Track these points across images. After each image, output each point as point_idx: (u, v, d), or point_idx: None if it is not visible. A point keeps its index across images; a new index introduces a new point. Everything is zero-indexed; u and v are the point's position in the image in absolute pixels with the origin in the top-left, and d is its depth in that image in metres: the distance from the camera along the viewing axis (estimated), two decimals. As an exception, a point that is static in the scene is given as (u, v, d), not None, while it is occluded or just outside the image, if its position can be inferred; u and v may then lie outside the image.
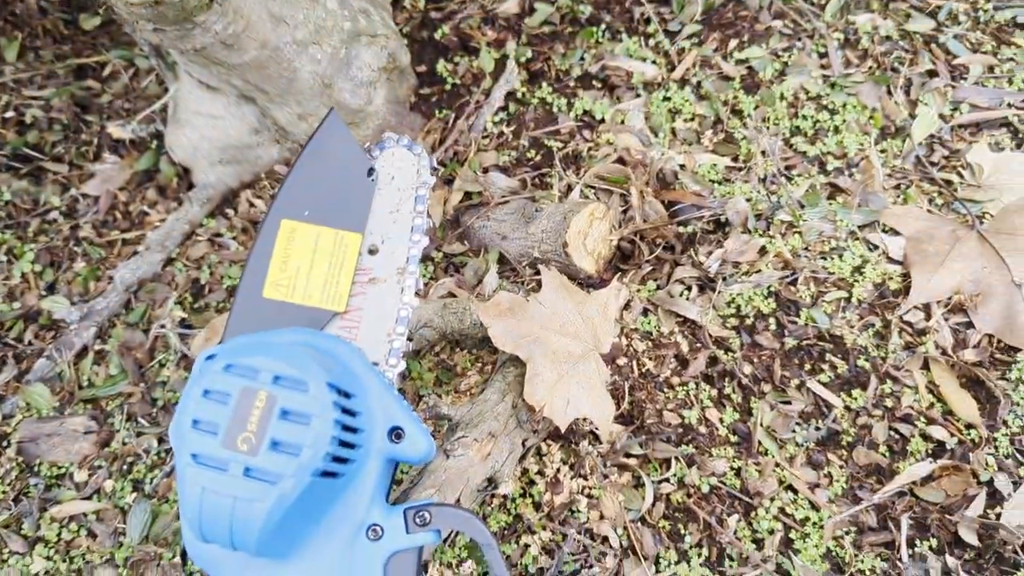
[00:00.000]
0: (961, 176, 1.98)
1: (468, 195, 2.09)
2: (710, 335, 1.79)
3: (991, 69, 2.14)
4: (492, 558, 1.06)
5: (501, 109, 2.21)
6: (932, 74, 2.15)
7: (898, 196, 1.96)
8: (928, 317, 1.77)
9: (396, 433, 1.09)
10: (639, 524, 1.58)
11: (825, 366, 1.73)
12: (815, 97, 2.13)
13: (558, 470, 1.63)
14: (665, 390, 1.73)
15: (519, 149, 2.14)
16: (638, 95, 2.18)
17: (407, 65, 2.23)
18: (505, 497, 1.63)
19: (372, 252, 1.34)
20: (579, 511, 1.60)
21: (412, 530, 1.07)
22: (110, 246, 2.10)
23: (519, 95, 2.21)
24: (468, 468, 1.35)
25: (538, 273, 1.92)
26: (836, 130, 2.07)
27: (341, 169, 1.35)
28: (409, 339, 1.73)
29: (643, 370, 1.77)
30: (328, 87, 2.04)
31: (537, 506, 1.62)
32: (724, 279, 1.84)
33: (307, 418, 0.93)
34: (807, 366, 1.74)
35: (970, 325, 1.76)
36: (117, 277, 1.98)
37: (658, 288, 1.88)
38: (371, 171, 1.36)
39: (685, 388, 1.73)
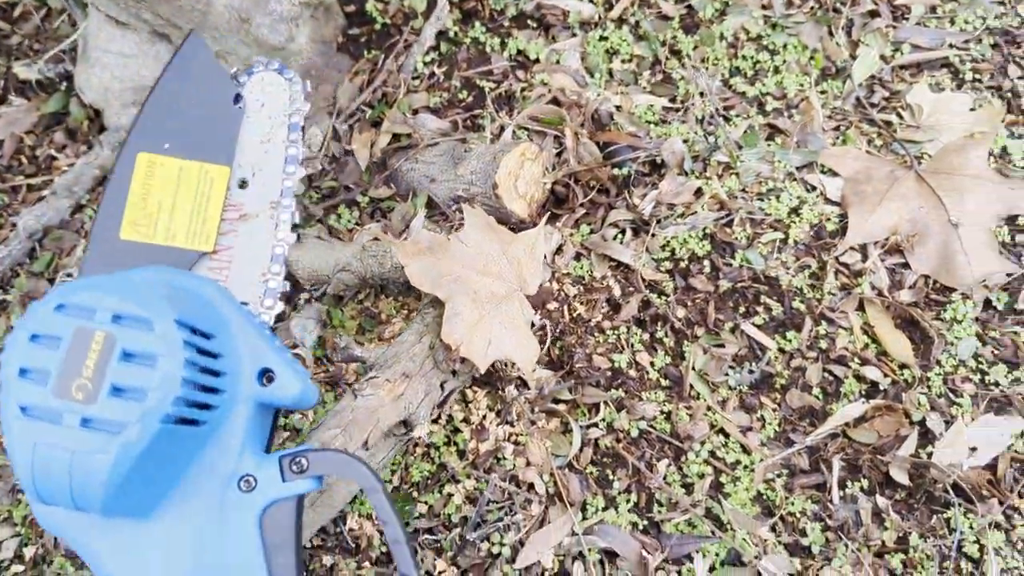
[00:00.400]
0: (901, 117, 1.93)
1: (396, 137, 1.99)
2: (643, 279, 1.72)
3: (933, 9, 2.08)
4: (377, 502, 0.98)
5: (432, 49, 2.10)
6: (874, 15, 2.08)
7: (837, 137, 1.90)
8: (864, 258, 1.72)
9: (267, 376, 0.99)
10: (566, 470, 1.52)
11: (760, 308, 1.67)
12: (756, 38, 2.06)
13: (484, 417, 1.56)
14: (596, 334, 1.66)
15: (450, 90, 2.04)
16: (574, 35, 2.09)
17: (333, 2, 2.11)
18: (429, 446, 1.55)
19: (242, 186, 1.23)
20: (505, 458, 1.53)
21: (289, 478, 0.97)
22: (14, 192, 1.97)
23: (451, 35, 2.10)
24: (378, 408, 1.27)
25: (467, 216, 1.83)
26: (776, 71, 2.00)
27: (205, 96, 1.22)
28: (318, 288, 1.64)
29: (574, 315, 1.69)
30: (245, 22, 1.92)
31: (462, 454, 1.55)
32: (659, 222, 1.77)
33: (152, 359, 0.83)
34: (741, 308, 1.68)
35: (906, 266, 1.71)
36: (20, 224, 1.85)
37: (592, 232, 1.80)
38: (238, 98, 1.25)
39: (616, 332, 1.66)
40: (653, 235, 1.76)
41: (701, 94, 1.96)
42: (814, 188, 1.81)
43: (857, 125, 1.92)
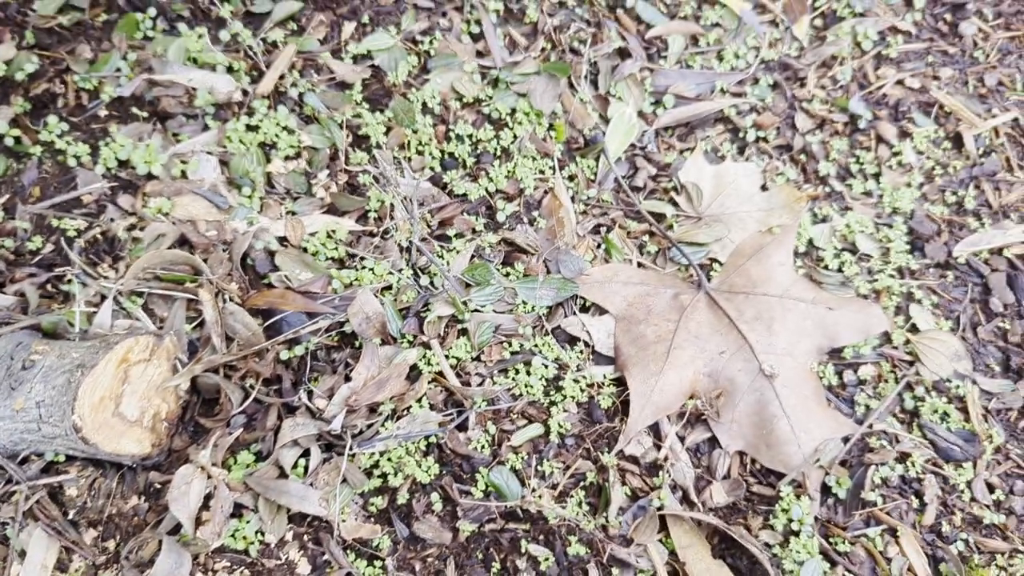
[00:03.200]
0: (676, 204, 1.40)
1: (-79, 334, 1.20)
2: (342, 539, 1.09)
3: (695, 40, 1.56)
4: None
5: (-20, 169, 1.31)
6: (623, 54, 1.53)
7: (598, 245, 1.34)
8: (659, 442, 1.18)
9: None
10: None
11: (523, 562, 1.09)
12: (472, 103, 1.44)
13: None
14: (272, 667, 1.01)
15: (15, 236, 1.27)
16: (206, 127, 1.37)
17: None
18: None
19: None
20: None
21: None
22: None
23: (9, 140, 1.32)
24: None
25: (51, 469, 1.11)
26: (506, 153, 1.41)
27: None
28: None
29: (236, 630, 1.03)
30: None
31: None
32: (358, 433, 1.14)
33: None
34: (495, 566, 1.09)
35: (715, 442, 1.20)
36: None
37: (258, 459, 1.14)
38: None
39: (306, 655, 1.02)
40: (353, 454, 1.12)
41: (405, 202, 1.33)
42: (576, 340, 1.25)
43: (622, 224, 1.37)
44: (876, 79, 1.52)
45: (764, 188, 1.40)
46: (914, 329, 1.28)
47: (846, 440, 1.18)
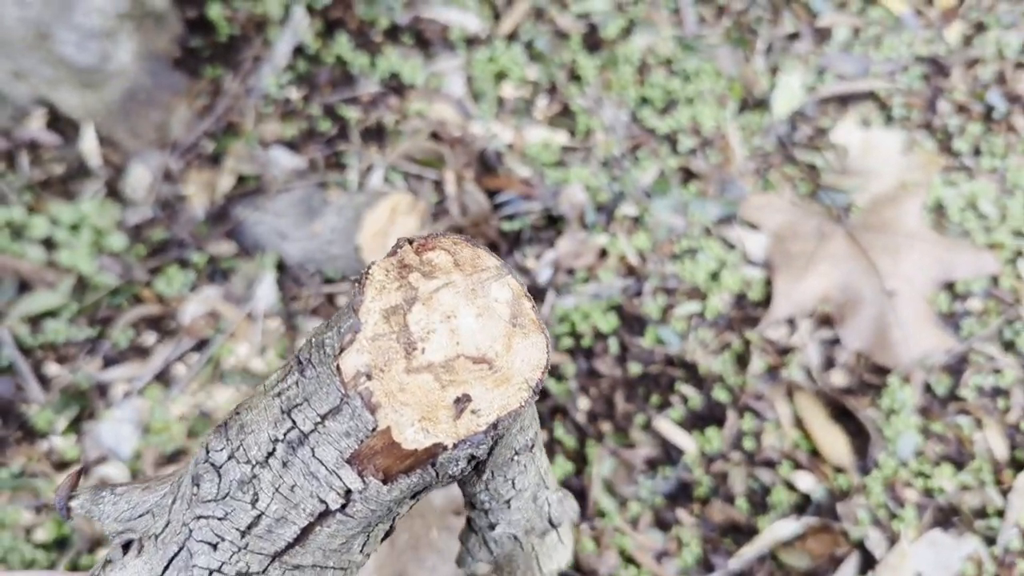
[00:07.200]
0: (826, 158, 1.70)
1: (242, 179, 1.63)
2: (540, 361, 1.43)
3: (857, 33, 1.85)
4: None
5: (289, 68, 1.73)
6: (794, 37, 1.84)
7: (759, 181, 1.65)
8: (793, 332, 1.48)
9: None
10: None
11: (675, 398, 1.41)
12: (666, 61, 1.78)
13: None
14: (483, 436, 1.36)
15: (310, 119, 1.68)
16: (457, 54, 1.76)
17: (166, 9, 1.72)
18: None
19: None
20: (369, 609, 1.22)
21: None
22: None
23: (311, 51, 1.74)
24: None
25: (329, 281, 1.50)
26: (689, 102, 1.73)
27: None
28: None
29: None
30: (45, 38, 1.52)
31: None
32: (556, 290, 1.48)
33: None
34: (654, 398, 1.41)
35: (839, 341, 1.48)
36: None
37: (479, 300, 1.50)
38: None
39: (508, 433, 1.37)
40: (551, 306, 1.47)
41: (605, 129, 1.67)
42: (733, 247, 1.56)
43: (780, 168, 1.67)
44: (1013, 79, 1.77)
45: (903, 153, 1.67)
46: (1020, 278, 1.53)
47: (948, 354, 1.44)
